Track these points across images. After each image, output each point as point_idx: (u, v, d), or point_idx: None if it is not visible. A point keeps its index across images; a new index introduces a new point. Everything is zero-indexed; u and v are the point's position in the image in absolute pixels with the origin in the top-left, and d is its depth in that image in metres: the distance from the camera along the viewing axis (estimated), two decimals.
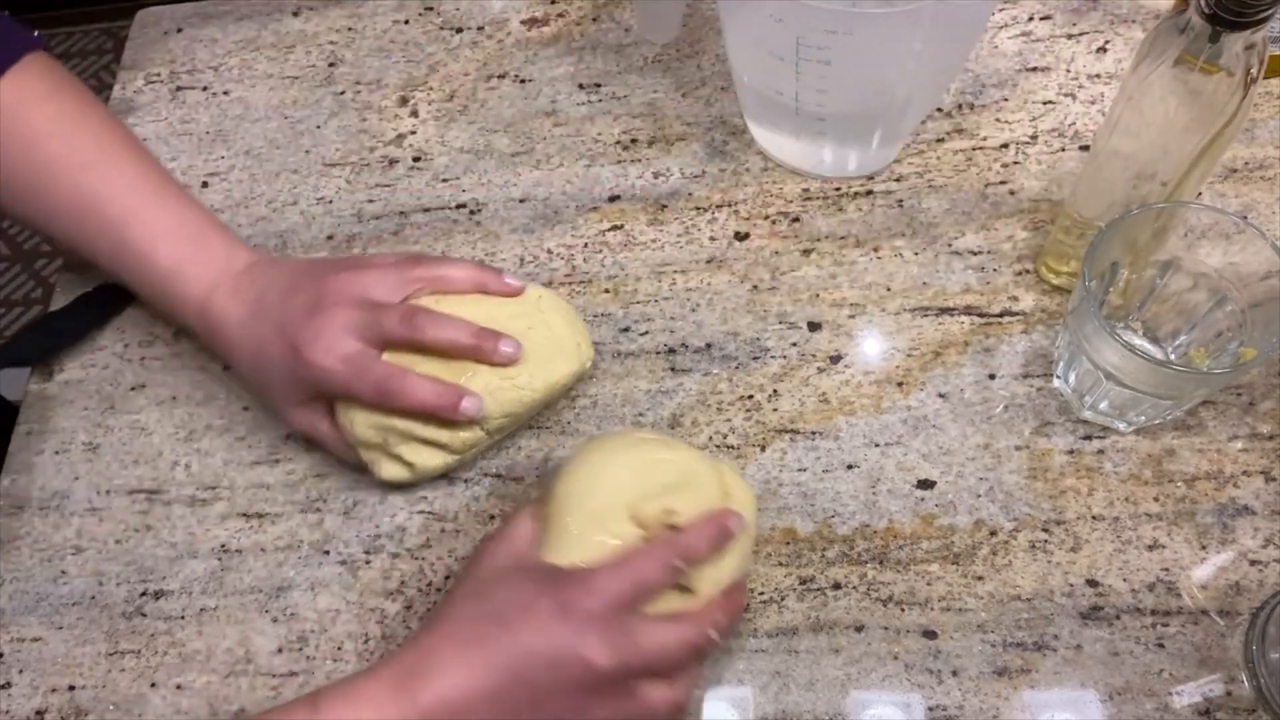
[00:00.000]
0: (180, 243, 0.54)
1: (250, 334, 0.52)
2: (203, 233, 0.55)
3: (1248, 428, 0.53)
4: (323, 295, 0.50)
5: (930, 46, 0.51)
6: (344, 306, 0.50)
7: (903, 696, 0.48)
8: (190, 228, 0.55)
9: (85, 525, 0.57)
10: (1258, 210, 0.59)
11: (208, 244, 0.55)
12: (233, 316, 0.52)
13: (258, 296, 0.52)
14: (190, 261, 0.54)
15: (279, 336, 0.50)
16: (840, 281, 0.60)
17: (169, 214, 0.55)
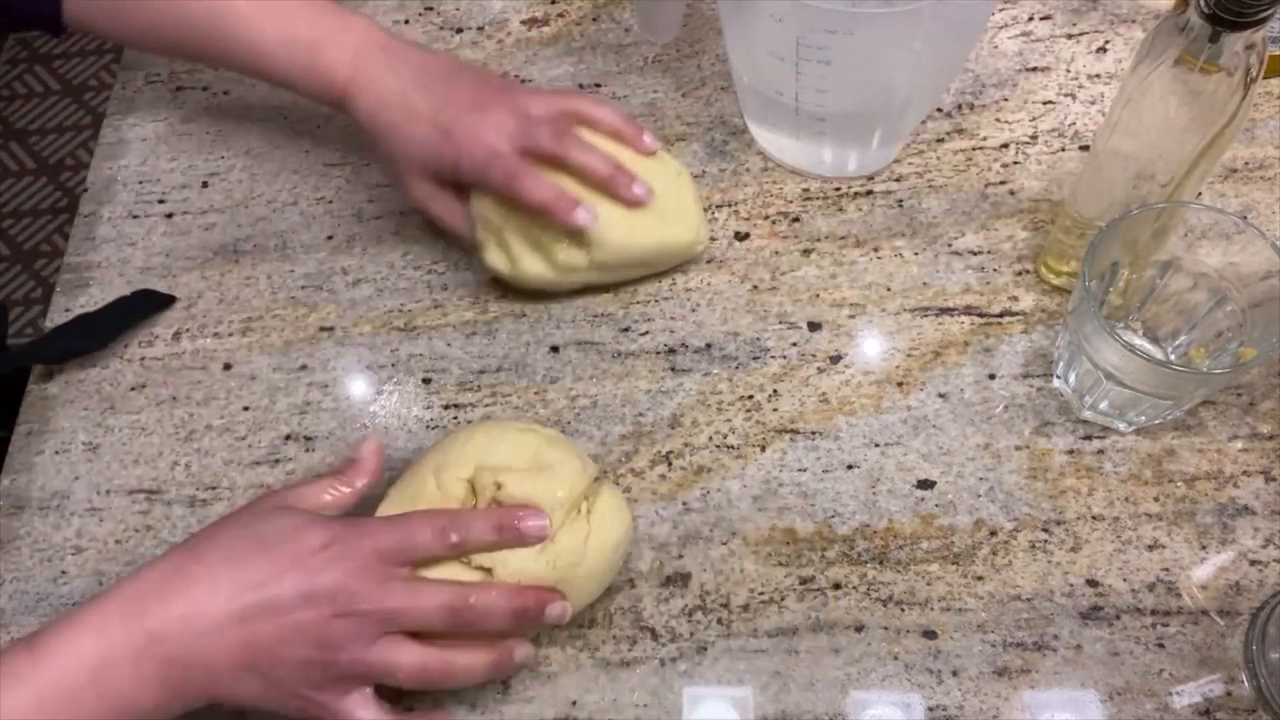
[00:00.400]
0: (320, 15, 0.57)
1: (404, 102, 0.55)
2: (337, 8, 0.57)
3: (1248, 428, 0.53)
4: (485, 96, 0.54)
5: (930, 46, 0.51)
6: (503, 111, 0.54)
7: (903, 696, 0.48)
8: (323, 3, 0.57)
9: (85, 525, 0.57)
10: (1258, 210, 0.59)
11: (344, 17, 0.57)
12: (387, 84, 0.55)
13: (416, 75, 0.55)
14: (335, 31, 0.56)
15: (434, 116, 0.54)
16: (840, 281, 0.60)
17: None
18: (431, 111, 0.54)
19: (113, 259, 0.66)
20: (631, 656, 0.50)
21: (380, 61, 0.56)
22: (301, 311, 0.63)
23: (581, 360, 0.59)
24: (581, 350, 0.59)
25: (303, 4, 0.57)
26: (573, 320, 0.60)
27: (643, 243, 0.56)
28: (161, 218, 0.67)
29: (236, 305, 0.63)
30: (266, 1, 0.57)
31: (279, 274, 0.64)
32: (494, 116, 0.53)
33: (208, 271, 0.65)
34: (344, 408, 0.59)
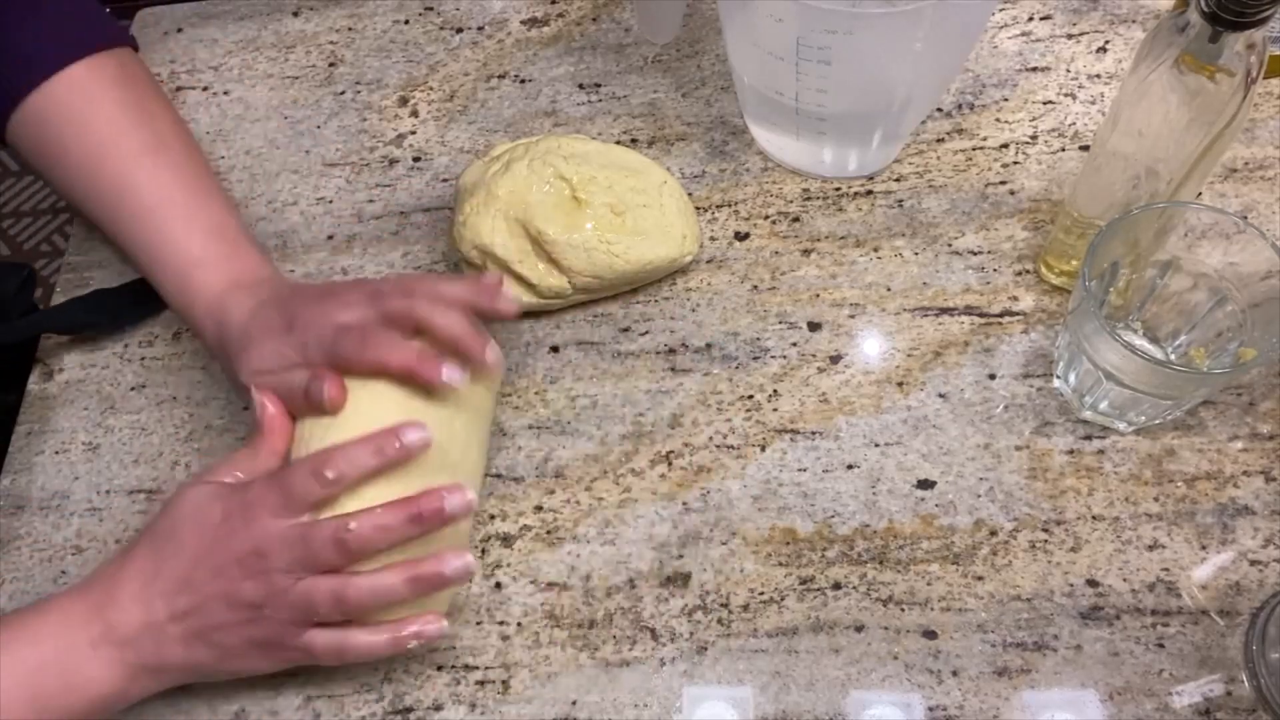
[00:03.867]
0: (214, 240, 0.55)
1: (256, 319, 0.51)
2: (236, 238, 0.55)
3: (1248, 428, 0.53)
4: (333, 287, 0.51)
5: (930, 46, 0.51)
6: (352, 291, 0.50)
7: (903, 696, 0.48)
8: (227, 230, 0.55)
9: (85, 525, 0.57)
10: (1258, 210, 0.59)
11: (238, 248, 0.55)
12: (245, 306, 0.52)
13: (272, 293, 0.52)
14: (222, 257, 0.54)
15: (283, 316, 0.50)
16: (840, 281, 0.60)
17: (206, 214, 0.55)
18: (282, 316, 0.49)
19: (113, 259, 0.66)
20: (631, 656, 0.50)
21: (245, 287, 0.52)
22: None
23: (581, 360, 0.59)
24: (581, 350, 0.59)
25: (217, 222, 0.55)
26: (573, 320, 0.60)
27: (622, 266, 0.57)
28: None
29: None
30: (188, 203, 0.55)
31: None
32: (341, 297, 0.49)
33: None
34: None
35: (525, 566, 0.53)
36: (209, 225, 0.55)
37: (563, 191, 0.57)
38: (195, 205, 0.55)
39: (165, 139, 0.57)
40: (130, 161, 0.55)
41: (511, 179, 0.57)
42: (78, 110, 0.56)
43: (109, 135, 0.56)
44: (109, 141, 0.56)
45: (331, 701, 0.50)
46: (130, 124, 0.56)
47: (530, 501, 0.55)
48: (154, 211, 0.55)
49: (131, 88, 0.58)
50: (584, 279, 0.57)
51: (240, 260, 0.54)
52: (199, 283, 0.53)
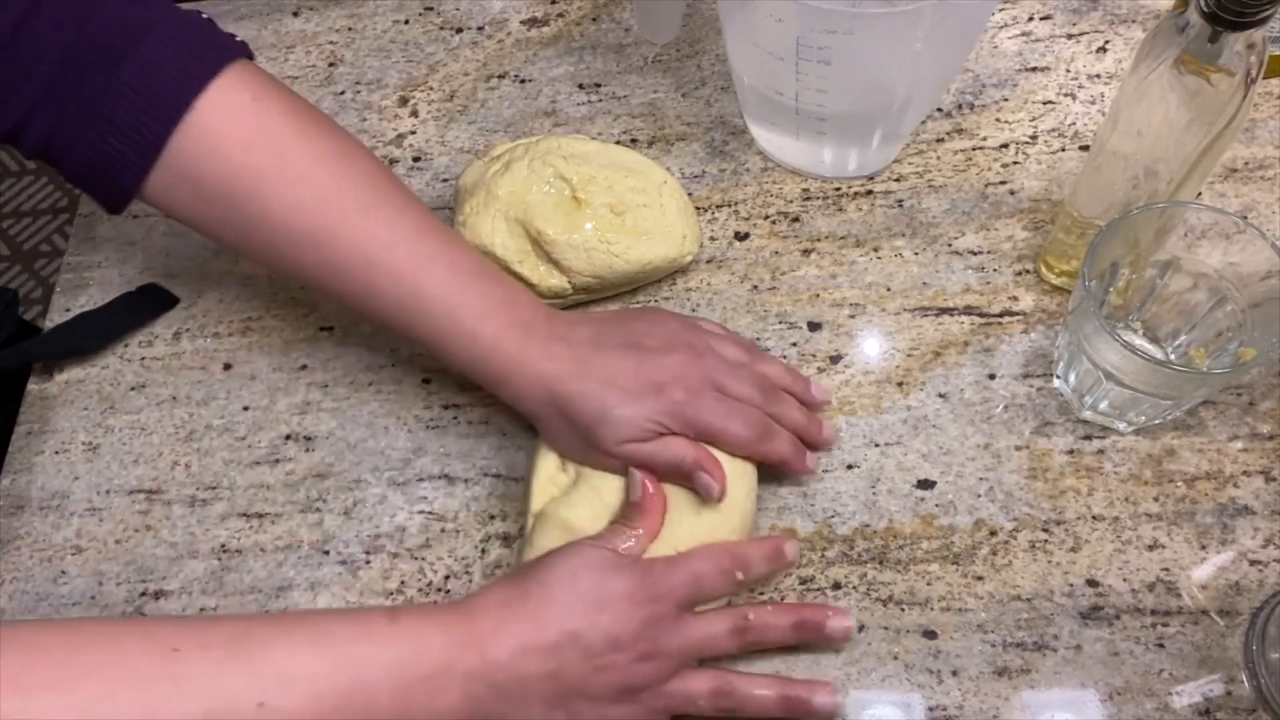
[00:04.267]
0: (486, 286, 0.49)
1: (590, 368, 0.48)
2: (497, 276, 0.51)
3: (1248, 428, 0.53)
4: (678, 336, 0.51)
5: (930, 46, 0.51)
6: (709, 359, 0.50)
7: (903, 696, 0.48)
8: (488, 273, 0.50)
9: (85, 525, 0.57)
10: (1258, 210, 0.59)
11: (509, 288, 0.51)
12: (563, 354, 0.49)
13: (591, 338, 0.50)
14: (500, 303, 0.49)
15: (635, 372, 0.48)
16: (840, 281, 0.60)
17: (464, 258, 0.50)
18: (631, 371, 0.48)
19: (113, 259, 0.66)
20: None
21: (546, 334, 0.49)
22: (301, 311, 0.63)
23: None
24: None
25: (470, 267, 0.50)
26: None
27: (622, 266, 0.57)
28: (162, 218, 0.67)
29: (236, 305, 0.63)
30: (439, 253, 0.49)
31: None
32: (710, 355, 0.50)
33: (207, 271, 0.65)
34: (344, 408, 0.59)
35: None
36: (471, 270, 0.49)
37: (563, 191, 0.57)
38: (449, 254, 0.49)
39: (378, 180, 0.50)
40: (362, 223, 0.48)
41: (511, 179, 0.57)
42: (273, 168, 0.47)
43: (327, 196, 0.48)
44: (331, 204, 0.48)
45: None
46: (339, 173, 0.48)
47: None
48: (414, 274, 0.48)
49: (309, 123, 0.49)
50: (584, 279, 0.57)
51: (519, 302, 0.50)
52: (490, 335, 0.48)
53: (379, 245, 0.48)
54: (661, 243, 0.57)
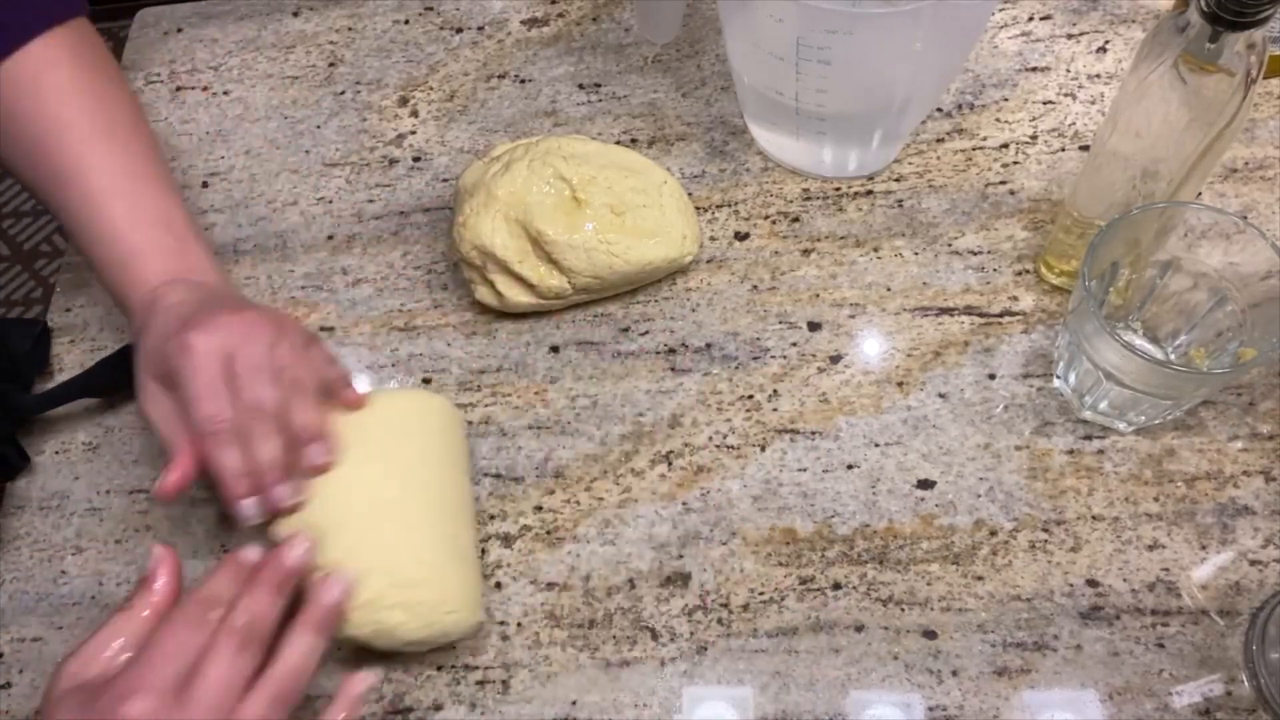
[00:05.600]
0: (159, 232, 0.53)
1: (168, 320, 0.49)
2: (183, 233, 0.54)
3: (1248, 428, 0.53)
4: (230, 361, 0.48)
5: (930, 46, 0.51)
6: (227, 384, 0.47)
7: (903, 696, 0.48)
8: (174, 224, 0.54)
9: (85, 525, 0.57)
10: (1258, 210, 0.59)
11: (185, 244, 0.54)
12: (168, 301, 0.50)
13: (197, 302, 0.50)
14: (161, 251, 0.53)
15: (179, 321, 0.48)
16: (840, 281, 0.60)
17: (155, 204, 0.54)
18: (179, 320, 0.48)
19: None
20: (631, 656, 0.50)
21: (177, 287, 0.51)
22: (301, 311, 0.63)
23: (581, 360, 0.59)
24: (581, 350, 0.59)
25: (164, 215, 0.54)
26: (573, 320, 0.60)
27: (622, 266, 0.57)
28: None
29: None
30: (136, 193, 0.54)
31: (279, 274, 0.64)
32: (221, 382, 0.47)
33: None
34: None
35: (525, 566, 0.53)
36: (155, 216, 0.54)
37: (563, 192, 0.57)
38: (144, 194, 0.54)
39: (117, 122, 0.55)
40: (80, 145, 0.54)
41: (511, 179, 0.57)
42: (29, 89, 0.54)
43: (61, 116, 0.54)
44: (60, 123, 0.54)
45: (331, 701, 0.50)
46: (82, 105, 0.55)
47: (530, 501, 0.55)
48: (98, 196, 0.53)
49: (87, 65, 0.56)
50: (584, 279, 0.57)
51: (185, 257, 0.53)
52: (136, 274, 0.52)
53: (82, 170, 0.53)
54: (661, 243, 0.57)
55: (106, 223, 0.53)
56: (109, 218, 0.53)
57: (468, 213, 0.57)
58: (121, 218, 0.53)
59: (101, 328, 0.64)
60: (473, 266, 0.58)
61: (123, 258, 0.52)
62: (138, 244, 0.52)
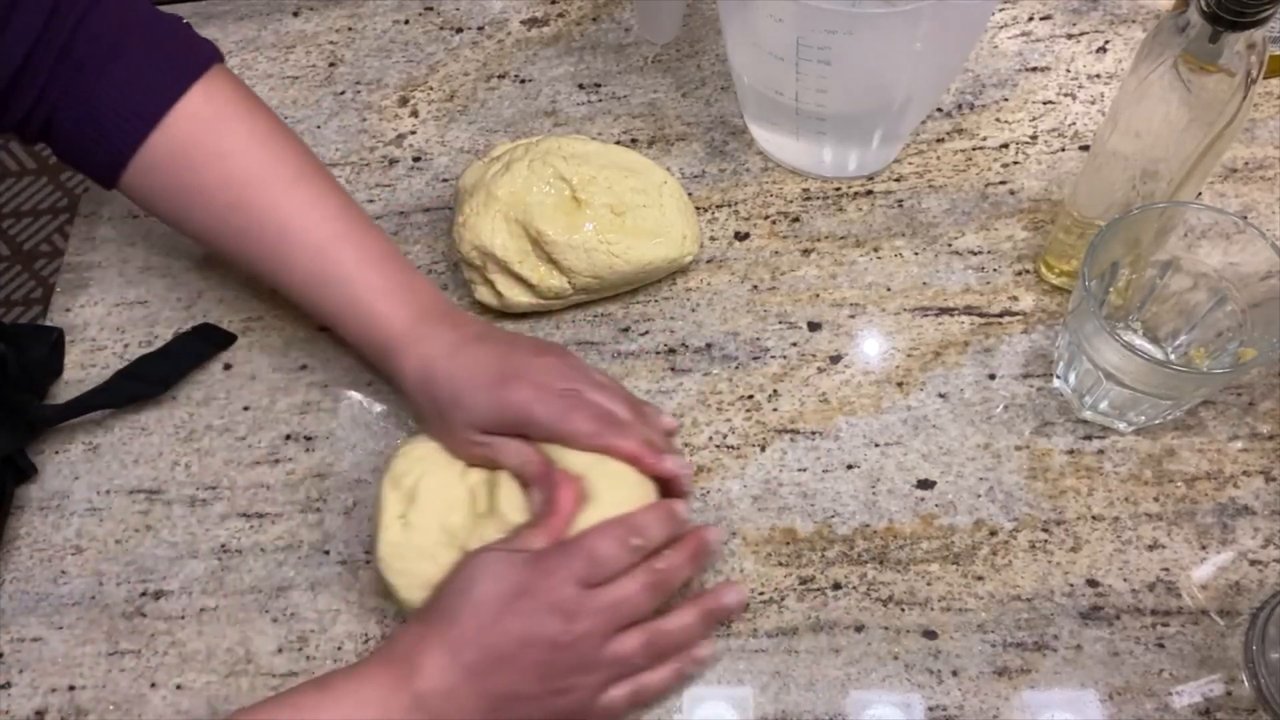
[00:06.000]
0: (391, 269, 0.53)
1: (464, 356, 0.50)
2: (408, 266, 0.54)
3: (1248, 428, 0.53)
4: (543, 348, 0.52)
5: (930, 46, 0.51)
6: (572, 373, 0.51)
7: (903, 696, 0.48)
8: (397, 259, 0.54)
9: (85, 525, 0.57)
10: (1258, 210, 0.59)
11: (415, 276, 0.53)
12: (447, 340, 0.50)
13: (478, 332, 0.51)
14: (403, 287, 0.52)
15: (491, 355, 0.50)
16: (840, 281, 0.60)
17: (377, 243, 0.53)
18: (494, 362, 0.50)
19: (113, 259, 0.66)
20: None
21: (438, 315, 0.52)
22: (301, 311, 0.62)
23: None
24: (581, 350, 0.59)
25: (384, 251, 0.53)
26: (573, 320, 0.60)
27: (622, 267, 0.57)
28: None
29: (236, 305, 0.63)
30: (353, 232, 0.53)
31: None
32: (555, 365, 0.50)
33: (208, 272, 0.65)
34: (344, 408, 0.59)
35: None
36: (380, 255, 0.53)
37: (563, 192, 0.57)
38: (361, 236, 0.53)
39: (304, 165, 0.54)
40: (282, 197, 0.52)
41: (511, 180, 0.57)
42: (208, 146, 0.52)
43: (251, 170, 0.52)
44: (254, 177, 0.52)
45: None
46: (268, 150, 0.53)
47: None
48: (323, 248, 0.52)
49: (253, 111, 0.54)
50: (584, 279, 0.57)
51: (421, 290, 0.53)
52: (385, 312, 0.51)
53: (297, 220, 0.52)
54: (661, 243, 0.57)
55: (338, 270, 0.52)
56: (339, 265, 0.52)
57: (468, 213, 0.57)
58: (349, 262, 0.52)
59: (102, 327, 0.64)
60: (473, 266, 0.58)
61: (367, 301, 0.52)
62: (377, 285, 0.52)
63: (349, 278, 0.52)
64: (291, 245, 0.52)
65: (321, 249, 0.52)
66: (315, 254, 0.52)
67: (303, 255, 0.52)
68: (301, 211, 0.52)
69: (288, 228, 0.52)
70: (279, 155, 0.53)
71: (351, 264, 0.52)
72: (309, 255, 0.52)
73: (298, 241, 0.52)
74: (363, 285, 0.52)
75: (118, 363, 0.62)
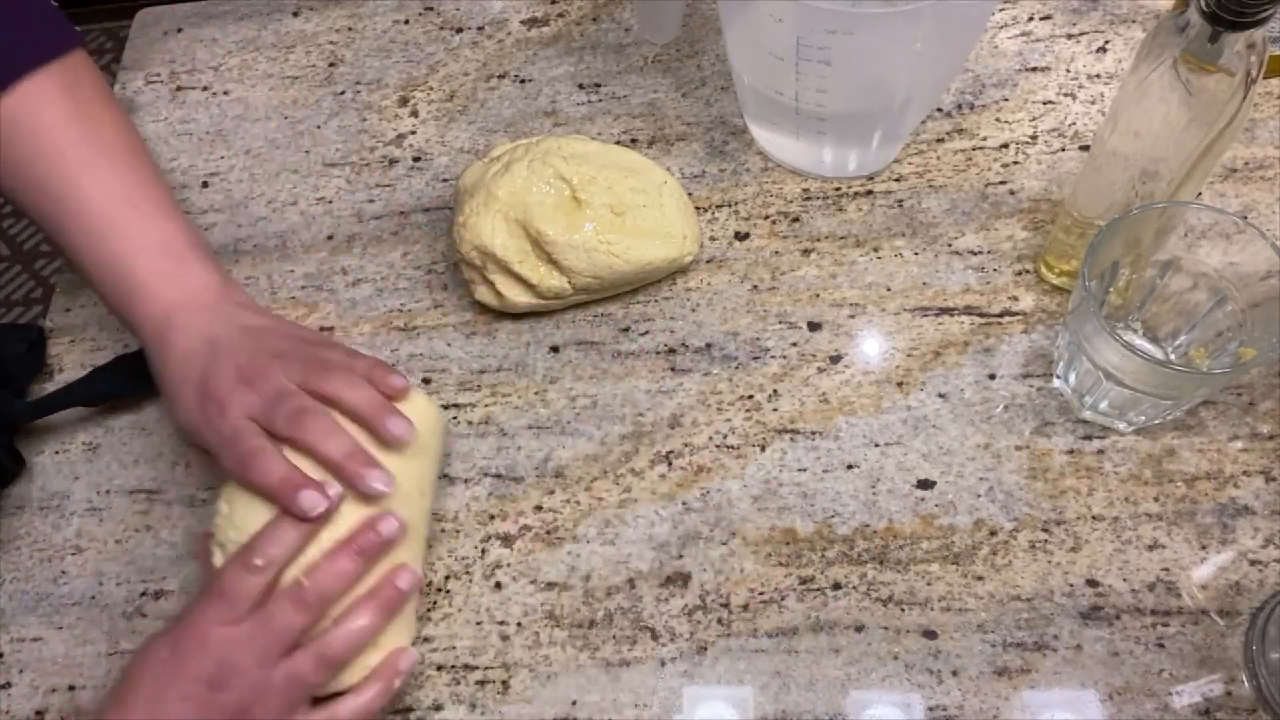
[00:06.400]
0: (157, 259, 0.53)
1: (182, 371, 0.50)
2: (183, 254, 0.54)
3: (1248, 428, 0.53)
4: (255, 365, 0.50)
5: (930, 46, 0.51)
6: (263, 383, 0.49)
7: (903, 696, 0.48)
8: (173, 246, 0.54)
9: (85, 525, 0.57)
10: (1258, 210, 0.59)
11: (185, 265, 0.53)
12: (179, 347, 0.51)
13: (207, 339, 0.51)
14: (161, 278, 0.52)
15: (198, 388, 0.49)
16: (840, 281, 0.60)
17: (154, 229, 0.54)
18: (198, 382, 0.50)
19: None
20: (631, 656, 0.50)
21: (182, 320, 0.52)
22: (301, 311, 0.63)
23: (581, 360, 0.59)
24: (581, 350, 0.59)
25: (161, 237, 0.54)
26: (573, 320, 0.60)
27: (622, 267, 0.57)
28: None
29: None
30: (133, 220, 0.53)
31: (279, 274, 0.64)
32: (244, 395, 0.48)
33: None
34: None
35: (525, 566, 0.53)
36: (153, 242, 0.53)
37: (563, 192, 0.57)
38: (141, 221, 0.53)
39: (112, 150, 0.55)
40: (76, 174, 0.53)
41: (511, 180, 0.57)
42: (25, 125, 0.53)
43: (56, 149, 0.54)
44: (55, 155, 0.54)
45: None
46: (76, 136, 0.54)
47: (530, 501, 0.55)
48: (97, 228, 0.53)
49: (81, 95, 0.55)
50: (584, 279, 0.57)
51: (186, 279, 0.53)
52: (140, 306, 0.52)
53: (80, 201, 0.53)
54: (661, 243, 0.57)
55: (107, 254, 0.53)
56: (109, 249, 0.53)
57: (468, 213, 0.57)
58: (121, 248, 0.53)
59: (101, 327, 0.64)
60: (473, 266, 0.58)
61: (127, 288, 0.52)
62: (139, 274, 0.52)
63: (114, 264, 0.52)
64: (70, 226, 0.53)
65: (96, 233, 0.53)
66: (90, 237, 0.53)
67: (80, 239, 0.53)
68: (86, 193, 0.53)
69: (70, 208, 0.53)
70: (83, 138, 0.54)
71: (119, 251, 0.53)
72: (85, 239, 0.53)
73: (75, 224, 0.53)
74: (126, 277, 0.52)
75: None
